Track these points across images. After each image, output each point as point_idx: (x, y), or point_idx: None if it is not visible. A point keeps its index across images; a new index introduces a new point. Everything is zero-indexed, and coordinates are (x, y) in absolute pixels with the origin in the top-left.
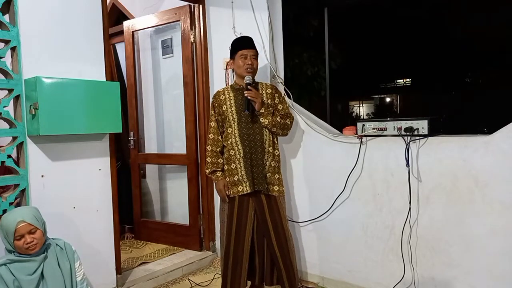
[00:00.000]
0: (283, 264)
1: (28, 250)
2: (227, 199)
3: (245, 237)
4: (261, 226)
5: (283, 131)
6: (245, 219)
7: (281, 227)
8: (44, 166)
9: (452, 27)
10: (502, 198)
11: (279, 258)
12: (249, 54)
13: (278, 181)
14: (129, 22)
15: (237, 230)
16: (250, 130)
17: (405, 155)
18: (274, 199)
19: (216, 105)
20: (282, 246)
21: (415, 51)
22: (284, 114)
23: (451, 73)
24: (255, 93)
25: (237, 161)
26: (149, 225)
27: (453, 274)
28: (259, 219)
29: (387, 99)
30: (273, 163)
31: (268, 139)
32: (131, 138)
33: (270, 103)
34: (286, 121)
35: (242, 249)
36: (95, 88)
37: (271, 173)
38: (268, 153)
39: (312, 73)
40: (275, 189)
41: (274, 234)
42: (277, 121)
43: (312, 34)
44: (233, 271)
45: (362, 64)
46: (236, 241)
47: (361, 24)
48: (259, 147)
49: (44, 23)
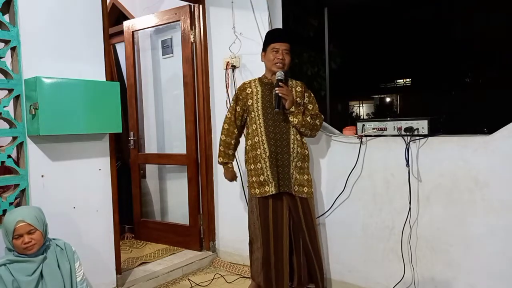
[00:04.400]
0: (317, 264)
1: (25, 250)
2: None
3: (283, 238)
4: (297, 227)
5: (311, 132)
6: (281, 220)
7: (313, 229)
8: (44, 166)
9: (453, 27)
10: (502, 198)
11: (314, 259)
12: (281, 48)
13: (307, 182)
14: (129, 22)
15: (274, 231)
16: (277, 129)
17: (405, 155)
18: (306, 201)
19: (241, 98)
20: (315, 248)
21: (415, 51)
22: (314, 114)
23: (451, 73)
24: (287, 90)
25: (262, 161)
26: (149, 225)
27: (453, 274)
28: (295, 220)
29: (387, 99)
30: (299, 163)
31: (296, 138)
32: (131, 138)
33: (300, 102)
34: (316, 121)
35: (282, 250)
36: (95, 88)
37: (299, 174)
38: (295, 153)
39: (312, 73)
40: (304, 190)
41: (308, 235)
42: (307, 121)
43: (312, 34)
44: (276, 273)
45: (362, 64)
46: (275, 243)
47: (361, 24)
48: (285, 146)
49: (44, 23)
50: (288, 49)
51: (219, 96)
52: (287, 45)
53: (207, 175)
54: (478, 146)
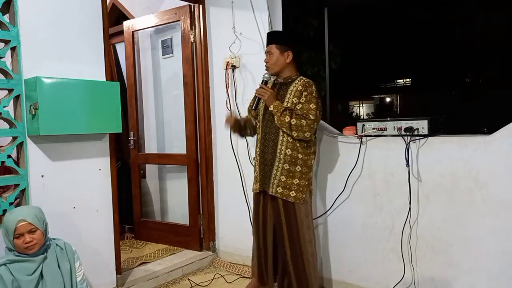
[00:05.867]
0: (295, 276)
1: (26, 249)
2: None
3: (267, 234)
4: (278, 232)
5: (291, 132)
6: (266, 217)
7: (297, 237)
8: (44, 166)
9: (453, 27)
10: (502, 198)
11: (292, 269)
12: (267, 51)
13: (297, 186)
14: (129, 22)
15: (262, 225)
16: (268, 129)
17: (405, 155)
18: (292, 205)
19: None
20: (296, 257)
21: (415, 51)
22: (301, 114)
23: (451, 73)
24: (261, 90)
25: (256, 159)
26: (149, 225)
27: (453, 274)
28: (276, 223)
29: (387, 99)
30: (286, 165)
31: (287, 140)
32: (131, 138)
33: (295, 102)
34: (301, 121)
35: (266, 245)
36: (95, 88)
37: (287, 177)
38: (282, 154)
39: (312, 73)
40: (291, 194)
41: (289, 242)
42: (283, 120)
43: (312, 34)
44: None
45: (362, 64)
46: (262, 237)
47: (361, 24)
48: (271, 147)
49: (44, 23)
50: (272, 50)
51: (219, 96)
52: (271, 46)
53: (207, 175)
54: (478, 146)
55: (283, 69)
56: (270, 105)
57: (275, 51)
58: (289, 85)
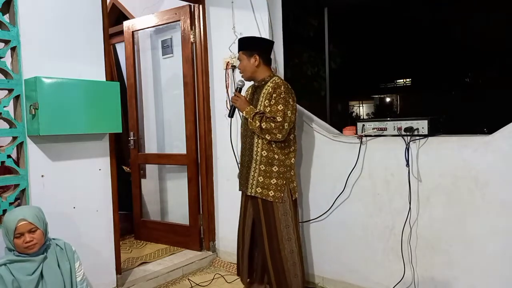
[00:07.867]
0: (273, 272)
1: (27, 249)
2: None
3: (245, 232)
4: (258, 230)
5: (265, 135)
6: (244, 216)
7: (275, 235)
8: (44, 166)
9: (453, 27)
10: (502, 198)
11: (270, 266)
12: (238, 57)
13: (275, 186)
14: (129, 22)
15: (243, 223)
16: (245, 132)
17: (405, 155)
18: (271, 204)
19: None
20: (274, 254)
21: (415, 51)
22: (270, 117)
23: (451, 73)
24: (234, 98)
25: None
26: (149, 225)
27: (453, 274)
28: (255, 222)
29: (387, 99)
30: (262, 166)
31: (261, 142)
32: (131, 138)
33: (267, 104)
34: (270, 124)
35: (243, 242)
36: (95, 88)
37: (264, 177)
38: (259, 156)
39: (312, 73)
40: (270, 194)
41: (268, 240)
42: (255, 125)
43: (312, 34)
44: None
45: (362, 64)
46: (242, 233)
47: (361, 24)
48: (248, 149)
49: (44, 23)
50: (240, 56)
51: (219, 96)
52: (240, 53)
53: (207, 175)
54: (478, 146)
55: (254, 73)
56: (243, 111)
57: (242, 57)
58: (262, 88)
